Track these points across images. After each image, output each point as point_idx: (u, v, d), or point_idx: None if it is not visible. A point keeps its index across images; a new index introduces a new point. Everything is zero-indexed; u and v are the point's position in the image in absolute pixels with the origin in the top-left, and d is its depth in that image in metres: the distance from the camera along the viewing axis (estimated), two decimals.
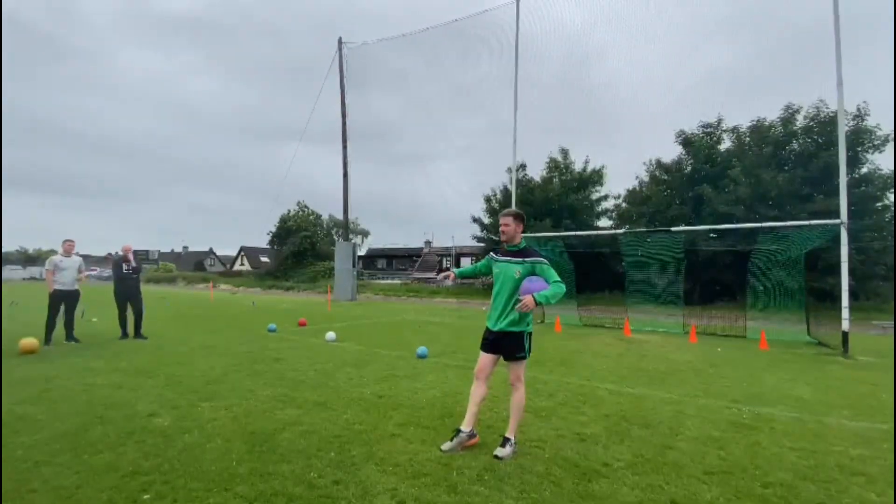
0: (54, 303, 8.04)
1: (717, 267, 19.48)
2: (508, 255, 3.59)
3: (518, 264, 3.50)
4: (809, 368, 7.15)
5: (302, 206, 43.78)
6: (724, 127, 22.26)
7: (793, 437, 3.95)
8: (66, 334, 8.16)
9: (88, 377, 5.67)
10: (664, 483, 3.02)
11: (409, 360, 7.11)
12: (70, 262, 8.25)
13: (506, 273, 3.53)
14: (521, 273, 3.46)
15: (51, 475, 2.99)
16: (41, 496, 2.73)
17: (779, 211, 18.29)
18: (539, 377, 6.05)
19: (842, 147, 9.01)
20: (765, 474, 3.19)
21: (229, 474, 3.03)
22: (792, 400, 5.23)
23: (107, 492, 2.78)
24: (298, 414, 4.32)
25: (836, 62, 8.97)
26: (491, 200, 27.28)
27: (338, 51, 23.49)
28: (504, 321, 3.49)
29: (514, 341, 3.50)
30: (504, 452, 3.38)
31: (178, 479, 2.95)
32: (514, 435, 3.50)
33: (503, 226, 3.59)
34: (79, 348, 7.76)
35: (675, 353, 8.24)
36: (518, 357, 3.52)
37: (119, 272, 8.91)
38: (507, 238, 3.60)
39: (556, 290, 3.33)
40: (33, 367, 6.22)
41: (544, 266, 3.46)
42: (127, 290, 8.89)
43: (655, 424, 4.22)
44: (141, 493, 2.76)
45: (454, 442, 3.49)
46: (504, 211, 3.66)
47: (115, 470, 3.08)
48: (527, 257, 3.52)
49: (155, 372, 6.00)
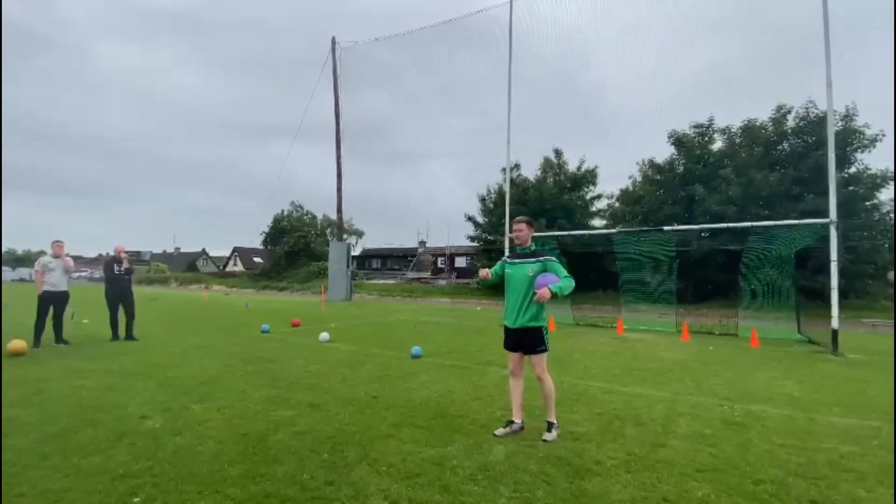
0: (43, 304, 7.95)
1: (709, 266, 19.62)
2: (521, 258, 3.92)
3: (531, 264, 3.83)
4: (800, 366, 7.22)
5: (296, 206, 43.63)
6: (716, 127, 22.45)
7: (783, 434, 3.99)
8: (55, 336, 8.06)
9: (78, 379, 5.60)
10: (656, 481, 3.03)
11: (404, 360, 7.10)
12: (58, 264, 8.16)
13: (519, 273, 3.86)
14: (535, 271, 3.78)
15: (39, 478, 2.95)
16: (30, 500, 2.69)
17: (770, 210, 18.48)
18: (531, 375, 6.05)
19: (831, 147, 9.11)
20: (756, 471, 3.21)
21: (221, 476, 3.01)
22: (783, 397, 5.27)
23: (96, 495, 2.75)
24: (292, 415, 4.30)
25: (825, 63, 9.07)
26: (485, 200, 27.32)
27: (331, 50, 23.43)
28: (524, 318, 3.80)
29: (535, 336, 3.81)
30: (551, 436, 3.72)
31: (169, 481, 2.93)
32: (555, 419, 3.86)
33: (517, 231, 3.94)
34: (69, 350, 7.67)
35: (668, 352, 8.29)
36: (539, 350, 3.83)
37: (111, 273, 8.82)
38: (521, 242, 3.95)
39: (567, 283, 3.69)
40: (22, 369, 6.14)
41: (554, 263, 3.80)
42: (119, 292, 8.79)
43: (648, 423, 4.25)
44: (131, 497, 2.74)
45: (507, 429, 3.86)
46: (517, 218, 4.00)
47: (105, 473, 3.04)
48: (538, 257, 3.85)
49: (146, 373, 5.94)
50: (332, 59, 23.45)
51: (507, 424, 3.92)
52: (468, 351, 8.08)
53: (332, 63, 23.48)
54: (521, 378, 3.98)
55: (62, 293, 8.17)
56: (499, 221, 22.77)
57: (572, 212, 25.29)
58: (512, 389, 3.99)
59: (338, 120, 24.09)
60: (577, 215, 25.28)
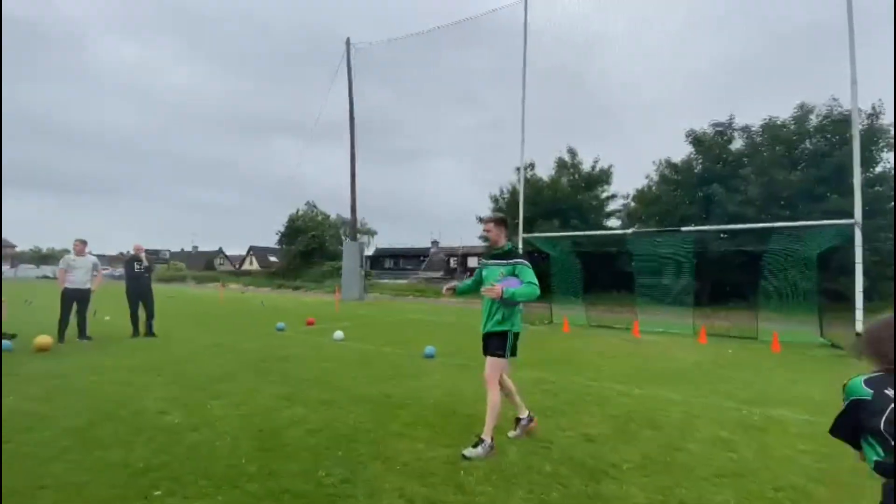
0: (66, 301, 8.16)
1: (727, 267, 19.25)
2: (495, 259, 3.75)
3: (503, 266, 3.64)
4: (822, 370, 7.04)
5: (311, 206, 44.05)
6: (736, 126, 22.04)
7: (805, 439, 3.89)
8: (78, 332, 8.26)
9: (99, 374, 5.73)
10: (674, 485, 2.98)
11: (416, 360, 7.11)
12: (82, 262, 8.37)
13: (491, 276, 3.67)
14: (504, 274, 3.60)
15: (61, 471, 3.02)
16: (51, 492, 2.75)
17: (791, 211, 18.05)
18: (546, 377, 6.02)
19: (856, 146, 8.88)
20: (777, 477, 3.14)
21: (238, 472, 3.04)
22: (804, 402, 5.15)
23: (117, 488, 2.81)
24: (306, 412, 4.33)
25: (850, 60, 8.84)
26: (498, 200, 27.22)
27: (346, 52, 23.57)
28: (491, 322, 3.65)
29: (497, 340, 3.64)
30: (473, 452, 3.36)
31: (187, 476, 2.97)
32: (489, 437, 3.46)
33: (486, 231, 3.77)
34: (91, 346, 7.85)
35: (685, 354, 8.16)
36: (496, 354, 3.61)
37: (131, 271, 9.02)
38: (492, 242, 3.79)
39: (526, 289, 3.48)
40: (45, 363, 6.30)
41: (523, 267, 3.58)
42: (139, 289, 8.98)
43: (664, 425, 4.18)
44: (151, 490, 2.79)
45: (518, 430, 3.79)
46: (486, 217, 3.87)
47: (125, 466, 3.10)
48: (510, 259, 3.65)
49: (165, 370, 6.05)
50: (346, 60, 23.60)
51: (515, 424, 3.85)
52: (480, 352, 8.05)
53: (346, 65, 23.64)
54: (508, 380, 3.85)
55: (84, 291, 8.36)
56: (512, 221, 22.66)
57: (587, 212, 25.06)
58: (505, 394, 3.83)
59: (352, 122, 24.21)
60: (591, 215, 25.05)
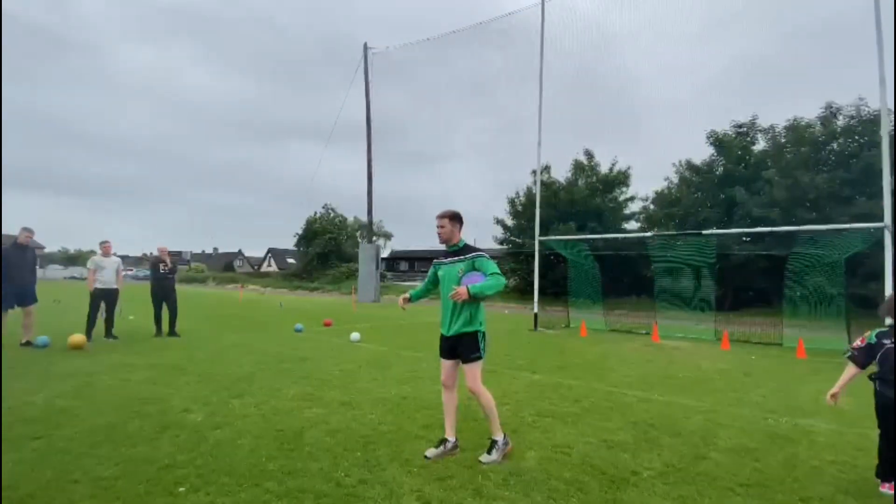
0: (95, 301, 8.41)
1: (750, 272, 18.82)
2: (450, 256, 3.55)
3: (460, 262, 3.46)
4: None
5: (329, 209, 44.59)
6: (759, 127, 21.55)
7: (833, 449, 3.79)
8: (105, 331, 8.51)
9: (125, 373, 5.90)
10: (697, 494, 2.93)
11: (432, 362, 7.12)
12: (109, 262, 8.64)
13: (449, 275, 3.49)
14: (464, 270, 3.43)
15: (91, 466, 3.12)
16: (83, 486, 2.84)
17: (817, 214, 17.54)
18: (564, 382, 5.97)
19: (885, 147, 8.62)
20: (803, 488, 3.06)
21: (259, 470, 3.10)
22: (831, 411, 4.96)
23: (144, 484, 2.88)
24: (325, 413, 4.39)
25: (877, 58, 8.58)
26: (515, 202, 27.10)
27: (363, 56, 23.82)
28: (457, 323, 3.44)
29: (470, 342, 3.44)
30: (490, 458, 3.32)
31: (211, 473, 3.04)
32: (500, 435, 3.43)
33: (439, 227, 3.54)
34: (117, 345, 8.07)
35: (707, 361, 8.00)
36: (473, 358, 3.43)
37: (156, 272, 9.27)
38: (445, 239, 3.56)
39: (492, 281, 3.32)
40: (74, 362, 6.51)
41: (483, 259, 3.43)
42: (163, 290, 9.23)
43: (686, 433, 4.11)
44: (176, 486, 2.85)
45: (439, 450, 3.45)
46: (439, 213, 3.57)
47: (151, 462, 3.19)
48: (466, 254, 3.48)
49: (188, 369, 6.19)
50: (363, 65, 23.84)
51: (438, 444, 3.50)
52: (496, 355, 8.03)
53: (363, 69, 23.88)
54: (454, 390, 3.58)
55: (113, 290, 8.62)
56: (528, 224, 22.52)
57: (604, 214, 24.77)
58: (445, 403, 3.58)
59: (369, 125, 24.45)
60: (609, 218, 24.76)
